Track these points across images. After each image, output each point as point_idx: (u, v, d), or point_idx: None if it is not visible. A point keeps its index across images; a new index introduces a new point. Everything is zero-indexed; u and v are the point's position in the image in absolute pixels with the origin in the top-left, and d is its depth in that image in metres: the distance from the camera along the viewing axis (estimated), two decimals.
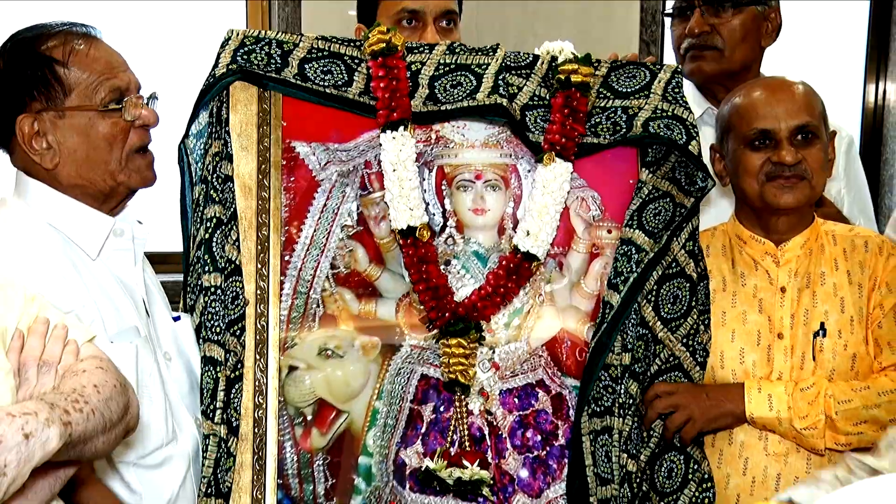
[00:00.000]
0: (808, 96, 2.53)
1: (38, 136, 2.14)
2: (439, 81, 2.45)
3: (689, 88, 2.96)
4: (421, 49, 2.51)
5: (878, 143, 5.17)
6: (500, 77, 2.43)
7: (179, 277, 2.46)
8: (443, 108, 2.44)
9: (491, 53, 2.49)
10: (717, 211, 2.85)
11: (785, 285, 2.52)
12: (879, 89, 5.25)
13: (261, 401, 2.42)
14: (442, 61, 2.48)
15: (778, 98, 2.50)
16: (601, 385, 2.47)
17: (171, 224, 2.50)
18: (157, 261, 2.44)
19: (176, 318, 2.39)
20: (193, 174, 2.45)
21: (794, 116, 2.47)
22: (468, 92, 2.43)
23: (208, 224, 2.38)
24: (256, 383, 2.41)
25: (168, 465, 2.23)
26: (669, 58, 2.83)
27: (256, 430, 2.41)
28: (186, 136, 2.45)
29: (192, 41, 4.52)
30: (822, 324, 2.48)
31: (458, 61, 2.48)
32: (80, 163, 2.17)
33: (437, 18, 2.82)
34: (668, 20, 3.16)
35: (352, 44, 2.50)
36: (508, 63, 2.48)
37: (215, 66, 2.42)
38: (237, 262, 2.40)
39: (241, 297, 2.39)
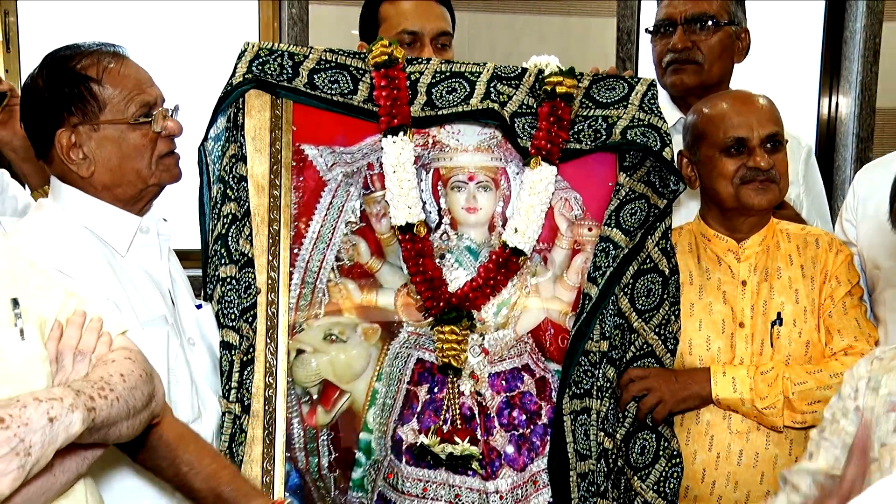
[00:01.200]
0: (773, 108, 2.53)
1: (75, 147, 2.12)
2: (436, 88, 2.44)
3: (663, 100, 2.94)
4: (419, 61, 2.49)
5: (832, 151, 5.19)
6: (492, 85, 2.43)
7: (200, 272, 2.45)
8: (440, 112, 2.42)
9: (482, 65, 2.48)
10: (687, 212, 2.82)
11: (745, 279, 2.52)
12: (832, 102, 5.28)
13: (271, 381, 2.41)
14: (438, 70, 2.47)
15: (750, 109, 2.50)
16: (581, 369, 2.46)
17: (194, 223, 2.48)
18: (181, 256, 2.42)
19: (198, 307, 2.37)
20: (211, 174, 2.43)
21: (765, 126, 2.47)
22: (462, 97, 2.42)
23: (224, 220, 2.37)
24: (267, 365, 2.41)
25: None
26: (643, 72, 2.81)
27: (267, 408, 2.40)
28: (205, 139, 2.43)
29: (208, 41, 4.52)
30: (779, 314, 2.49)
31: (453, 69, 2.47)
32: (113, 170, 2.15)
33: (433, 39, 2.81)
34: (647, 36, 3.13)
35: (357, 56, 2.48)
36: (499, 73, 2.46)
37: (232, 75, 2.41)
38: (250, 255, 2.39)
39: (253, 286, 2.38)
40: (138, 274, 2.19)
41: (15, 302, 1.67)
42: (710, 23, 3.00)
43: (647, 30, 3.11)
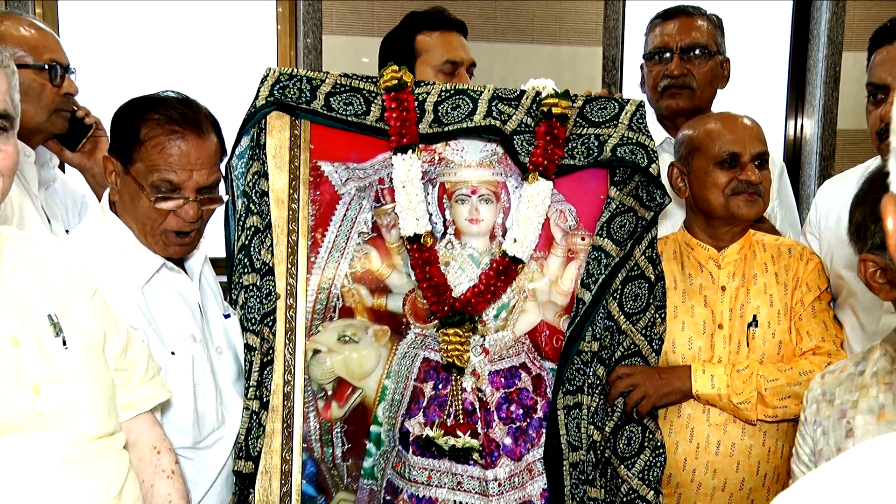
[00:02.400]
0: (761, 130, 2.53)
1: (114, 174, 2.12)
2: (441, 105, 2.42)
3: (651, 120, 2.93)
4: (426, 83, 2.47)
5: (798, 169, 5.20)
6: (493, 104, 2.41)
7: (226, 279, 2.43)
8: (446, 129, 2.40)
9: (483, 86, 2.46)
10: (672, 222, 2.80)
11: (725, 284, 2.50)
12: (798, 124, 5.30)
13: (289, 378, 2.40)
14: (443, 89, 2.45)
15: (743, 128, 2.48)
16: (574, 368, 2.44)
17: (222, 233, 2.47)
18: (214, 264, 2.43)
19: (226, 316, 2.35)
20: (236, 189, 2.40)
21: (755, 144, 2.46)
22: (466, 114, 2.40)
23: (248, 232, 2.35)
24: (286, 364, 2.39)
25: (219, 444, 2.24)
26: (627, 95, 2.80)
27: (286, 403, 2.39)
28: (231, 157, 2.38)
29: (233, 67, 4.53)
30: (755, 316, 2.47)
31: (457, 88, 2.46)
32: (132, 215, 2.12)
33: (468, 69, 2.90)
34: (630, 62, 3.14)
35: (369, 80, 2.45)
36: (499, 94, 2.44)
37: (255, 98, 2.38)
38: (270, 265, 2.36)
39: (273, 293, 2.36)
40: (169, 294, 2.17)
41: (51, 317, 1.65)
42: (702, 52, 3.00)
43: (644, 55, 3.10)
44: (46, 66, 2.45)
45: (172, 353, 2.09)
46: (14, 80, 1.57)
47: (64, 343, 1.65)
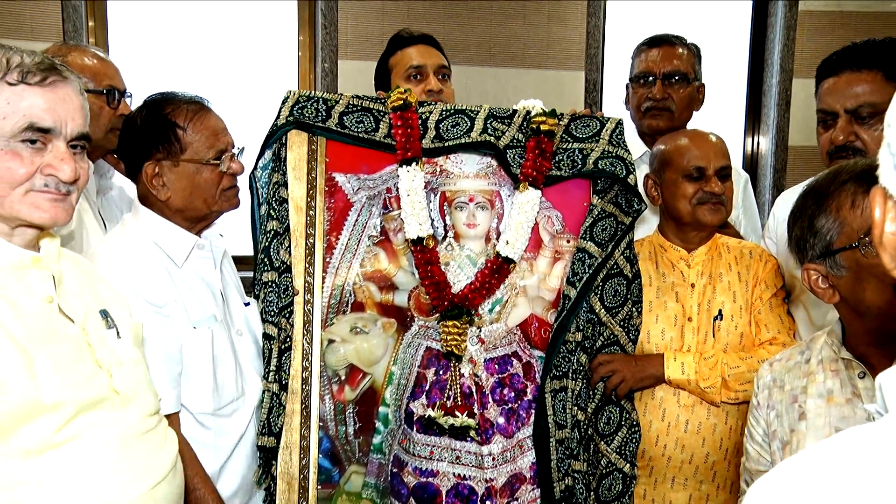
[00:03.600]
0: (724, 146, 2.52)
1: (157, 177, 2.13)
2: (443, 123, 2.41)
3: (631, 135, 2.90)
4: (429, 104, 2.47)
5: (755, 180, 5.20)
6: (488, 122, 2.40)
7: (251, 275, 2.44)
8: (446, 144, 2.39)
9: (480, 106, 2.45)
10: (647, 227, 2.78)
11: (694, 282, 2.49)
12: (755, 141, 5.32)
13: (307, 365, 2.40)
14: (444, 109, 2.44)
15: (708, 144, 2.48)
16: (560, 356, 2.42)
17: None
18: (240, 261, 2.46)
19: (246, 304, 2.36)
20: (260, 197, 2.41)
21: (719, 159, 2.47)
22: (465, 131, 2.40)
23: (268, 235, 2.37)
24: (304, 352, 2.39)
25: (237, 414, 2.23)
26: (607, 115, 2.80)
27: (304, 387, 2.40)
28: (255, 168, 2.41)
29: (258, 90, 4.58)
30: (720, 310, 2.46)
31: (456, 108, 2.45)
32: (186, 197, 2.16)
33: (435, 71, 2.78)
34: (609, 85, 3.13)
35: (378, 101, 2.45)
36: (493, 113, 2.43)
37: (277, 117, 2.39)
38: (288, 264, 2.38)
39: (290, 289, 2.37)
40: (194, 280, 2.18)
41: (104, 312, 1.70)
42: (681, 79, 2.99)
43: (630, 78, 3.08)
44: (105, 91, 2.52)
45: (194, 327, 2.12)
46: (87, 105, 1.63)
47: (118, 334, 1.70)
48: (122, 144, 2.21)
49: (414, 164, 2.39)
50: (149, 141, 2.13)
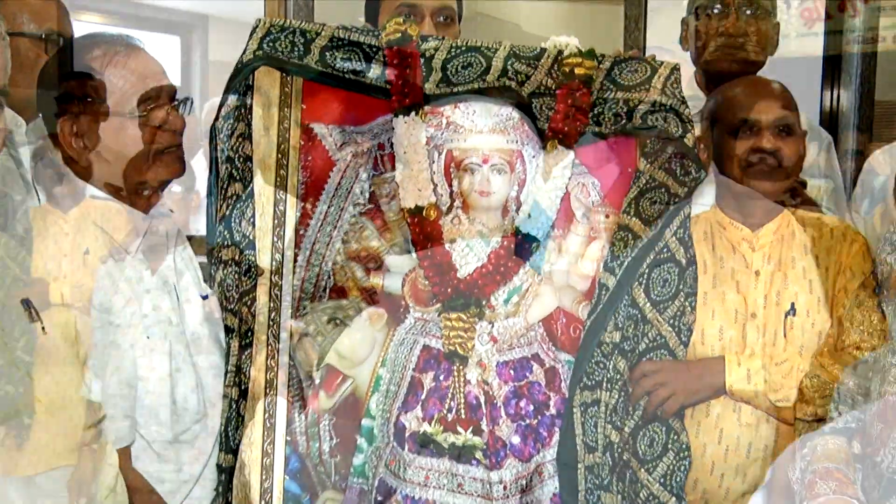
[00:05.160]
0: (785, 94, 2.34)
1: (76, 137, 2.06)
2: (451, 63, 2.22)
3: (691, 85, 2.74)
4: (435, 38, 2.28)
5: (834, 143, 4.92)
6: (509, 63, 2.21)
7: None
8: (455, 89, 2.21)
9: (498, 43, 2.24)
10: (704, 200, 2.58)
11: (759, 269, 2.29)
12: (833, 95, 5.05)
13: (272, 364, 2.23)
14: (454, 45, 2.24)
15: (760, 93, 2.31)
16: (593, 361, 2.21)
17: None
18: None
19: (204, 297, 2.29)
20: (220, 154, 2.24)
21: (773, 110, 2.28)
22: (479, 73, 2.20)
23: (229, 201, 2.22)
24: (269, 348, 2.23)
25: (200, 439, 2.21)
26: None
27: (268, 391, 2.23)
28: (216, 119, 2.23)
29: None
30: (793, 304, 2.25)
31: (469, 45, 2.24)
32: (111, 161, 2.09)
33: (433, 13, 2.58)
34: (653, 23, 3.15)
35: (370, 33, 2.25)
36: (516, 52, 2.22)
37: (243, 53, 2.21)
38: (251, 237, 2.22)
39: (252, 269, 2.22)
40: (143, 275, 2.16)
41: None
42: (761, 12, 2.79)
43: (695, 8, 2.88)
44: (43, 36, 2.37)
45: (148, 337, 2.09)
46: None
47: None
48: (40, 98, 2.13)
49: (413, 113, 2.18)
50: (63, 92, 2.04)
